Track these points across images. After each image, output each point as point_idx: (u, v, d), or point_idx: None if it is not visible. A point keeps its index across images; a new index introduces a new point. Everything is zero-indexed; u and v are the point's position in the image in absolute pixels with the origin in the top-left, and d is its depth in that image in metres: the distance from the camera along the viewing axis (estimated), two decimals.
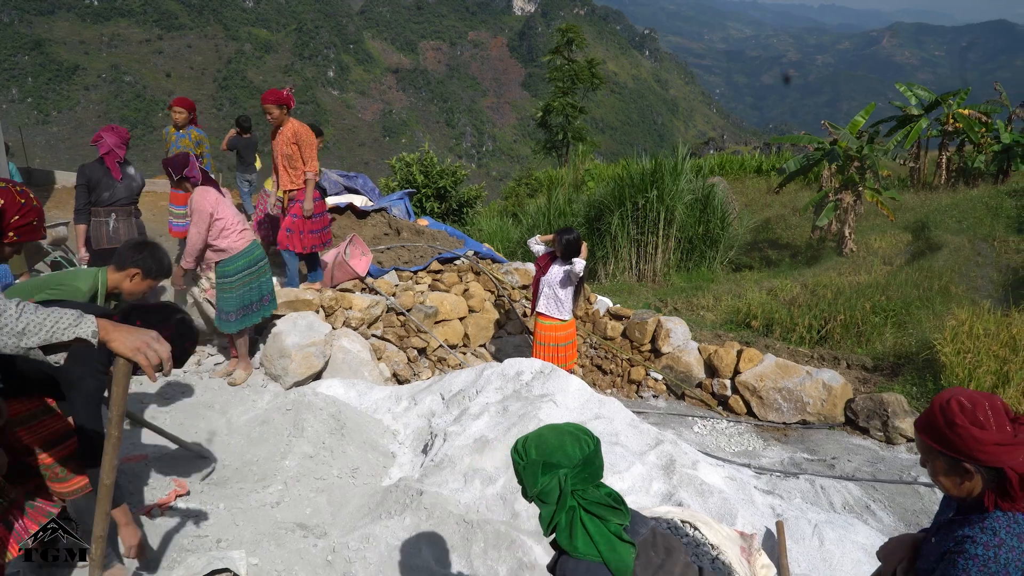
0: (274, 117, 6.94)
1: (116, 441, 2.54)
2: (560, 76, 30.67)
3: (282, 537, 4.12)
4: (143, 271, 3.89)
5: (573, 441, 2.12)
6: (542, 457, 2.09)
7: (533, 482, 2.09)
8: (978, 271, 12.58)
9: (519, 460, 2.13)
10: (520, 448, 2.15)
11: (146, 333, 2.44)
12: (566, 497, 2.08)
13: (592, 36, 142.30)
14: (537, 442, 2.12)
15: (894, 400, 6.92)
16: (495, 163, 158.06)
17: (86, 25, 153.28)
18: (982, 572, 1.94)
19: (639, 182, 13.74)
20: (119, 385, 2.46)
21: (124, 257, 3.89)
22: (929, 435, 2.08)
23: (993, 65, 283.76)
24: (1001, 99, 24.06)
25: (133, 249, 3.93)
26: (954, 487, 2.09)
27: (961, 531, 2.06)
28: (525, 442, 2.15)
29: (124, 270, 3.87)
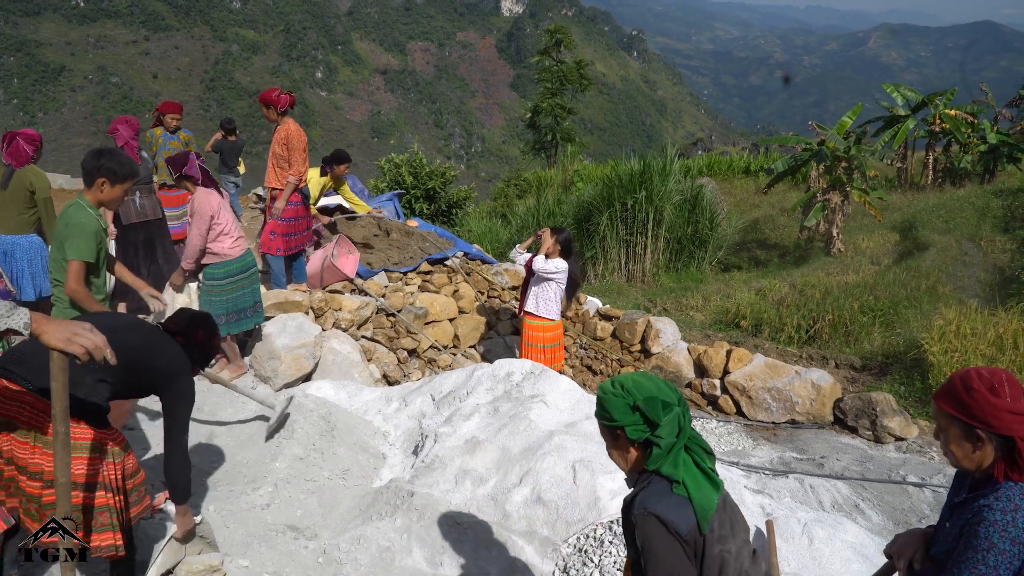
0: (265, 116, 7.13)
1: (64, 438, 2.51)
2: (549, 77, 30.70)
3: (273, 539, 4.11)
4: (109, 178, 4.09)
5: (665, 385, 2.23)
6: (652, 395, 2.17)
7: (657, 416, 2.14)
8: (965, 271, 12.66)
9: (625, 396, 2.19)
10: (620, 388, 2.22)
11: (77, 324, 2.42)
12: (685, 433, 2.20)
13: (580, 37, 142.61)
14: (635, 383, 2.21)
15: (882, 399, 6.96)
16: (484, 164, 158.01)
17: (72, 26, 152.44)
18: (1003, 537, 2.01)
19: (628, 183, 13.76)
20: (57, 380, 2.42)
21: (87, 173, 4.08)
22: (946, 400, 2.18)
23: (979, 66, 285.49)
24: (987, 99, 24.26)
25: (92, 161, 4.07)
26: (966, 456, 2.17)
27: (977, 503, 2.12)
28: (623, 383, 2.23)
29: (93, 185, 4.08)
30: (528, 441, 4.91)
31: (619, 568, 3.83)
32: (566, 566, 3.98)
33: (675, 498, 2.12)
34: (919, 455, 6.49)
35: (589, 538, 4.11)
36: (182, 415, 3.33)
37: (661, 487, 2.16)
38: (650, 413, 2.15)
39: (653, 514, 2.09)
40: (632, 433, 2.19)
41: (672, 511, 2.10)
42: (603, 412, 2.25)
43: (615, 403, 2.20)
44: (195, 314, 3.50)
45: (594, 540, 4.04)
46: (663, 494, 2.13)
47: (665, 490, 2.14)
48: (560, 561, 4.02)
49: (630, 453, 2.26)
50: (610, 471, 4.56)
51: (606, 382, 2.28)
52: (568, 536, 4.20)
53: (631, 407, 2.17)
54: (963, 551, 2.10)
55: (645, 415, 2.16)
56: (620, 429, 2.21)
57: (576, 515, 4.31)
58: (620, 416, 2.19)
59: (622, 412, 2.19)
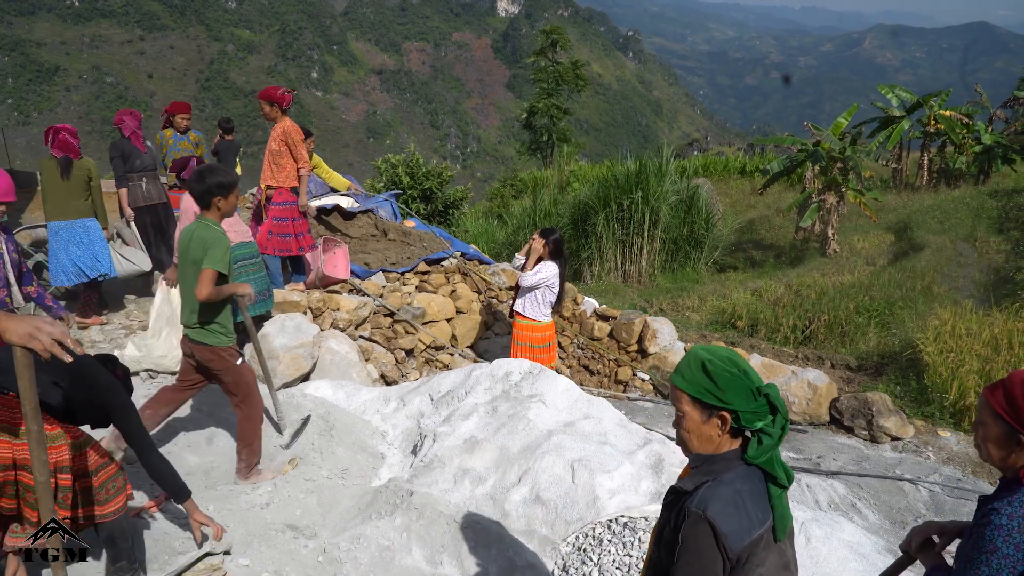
0: (265, 114, 7.20)
1: (37, 435, 2.52)
2: (544, 77, 30.73)
3: (272, 538, 4.12)
4: (222, 194, 4.34)
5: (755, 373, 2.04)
6: (767, 385, 2.00)
7: (782, 405, 1.99)
8: (960, 271, 12.70)
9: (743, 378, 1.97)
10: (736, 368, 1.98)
11: (39, 319, 2.43)
12: (785, 431, 2.02)
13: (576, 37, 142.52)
14: (748, 368, 2.00)
15: (878, 399, 6.98)
16: (480, 164, 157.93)
17: (67, 26, 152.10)
18: (1007, 541, 2.01)
19: (624, 183, 13.78)
20: (22, 377, 2.44)
21: (199, 197, 4.32)
22: (999, 398, 2.13)
23: (974, 67, 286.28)
24: (982, 100, 24.36)
25: (200, 185, 4.29)
26: (998, 456, 2.15)
27: (989, 505, 2.12)
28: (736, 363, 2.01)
29: (211, 205, 4.35)
30: (527, 440, 4.92)
31: (618, 567, 3.84)
32: (565, 565, 3.99)
33: (738, 508, 1.91)
34: (915, 455, 6.52)
35: (588, 537, 4.12)
36: (134, 421, 3.43)
37: (731, 490, 1.94)
38: (778, 403, 1.96)
39: (709, 520, 1.89)
40: (748, 420, 1.96)
41: (731, 522, 1.89)
42: (714, 389, 1.97)
43: (734, 384, 1.96)
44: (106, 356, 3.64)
45: (593, 539, 4.06)
46: (728, 500, 1.92)
47: (733, 495, 1.93)
48: (559, 560, 4.04)
49: (720, 438, 2.02)
50: (608, 470, 4.58)
51: (707, 354, 2.02)
52: (567, 535, 4.21)
53: (754, 392, 1.96)
54: (969, 551, 2.11)
55: (772, 403, 1.97)
56: (727, 411, 1.97)
57: (575, 514, 4.32)
58: (738, 400, 1.95)
59: (742, 396, 1.95)
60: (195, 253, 4.30)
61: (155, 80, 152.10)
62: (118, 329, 7.39)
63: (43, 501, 2.65)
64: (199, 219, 4.40)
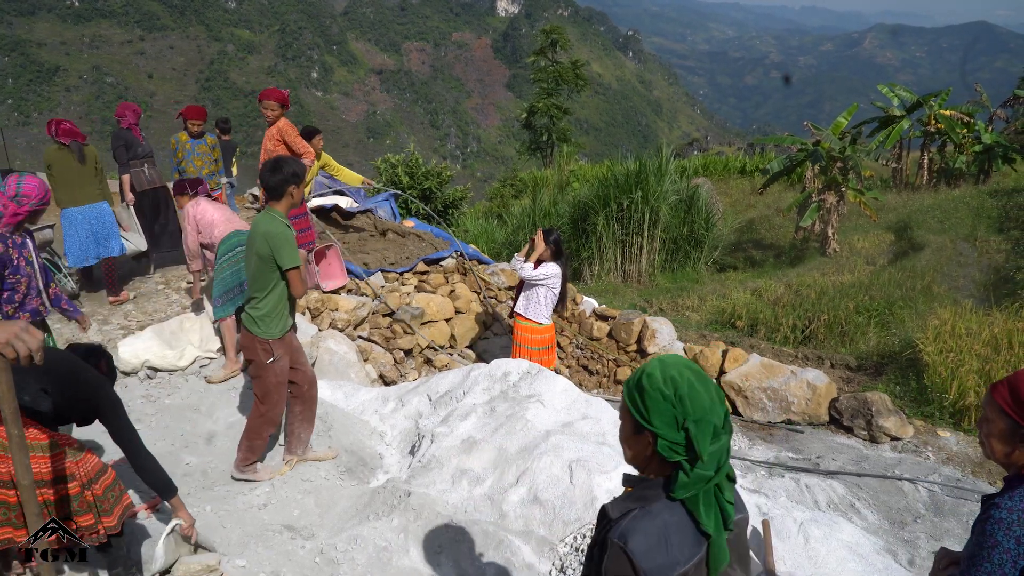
0: (275, 114, 7.34)
1: (19, 440, 2.51)
2: (544, 77, 30.72)
3: (270, 539, 4.11)
4: (296, 183, 4.44)
5: (717, 395, 1.85)
6: (706, 417, 1.79)
7: (704, 447, 1.77)
8: (960, 271, 12.69)
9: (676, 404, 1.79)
10: (673, 392, 1.80)
11: (14, 324, 2.42)
12: (723, 471, 1.82)
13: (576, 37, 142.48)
14: (691, 395, 1.79)
15: (878, 399, 6.97)
16: (480, 164, 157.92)
17: (67, 26, 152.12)
18: (1007, 535, 2.02)
19: (624, 183, 13.77)
20: (1, 383, 2.43)
21: (273, 188, 4.40)
22: (1004, 395, 2.13)
23: (974, 66, 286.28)
24: (982, 100, 24.34)
25: (275, 176, 4.36)
26: (1001, 452, 2.16)
27: (991, 501, 2.13)
28: (677, 386, 1.80)
29: (284, 195, 4.45)
30: (525, 441, 4.91)
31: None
32: (563, 565, 3.99)
33: (661, 543, 1.77)
34: (914, 455, 6.51)
35: (586, 538, 4.11)
36: (122, 418, 3.44)
37: (656, 523, 1.80)
38: (698, 441, 1.76)
39: (628, 555, 1.76)
40: (663, 449, 1.80)
41: (651, 558, 1.76)
42: (640, 406, 1.84)
43: (660, 407, 1.80)
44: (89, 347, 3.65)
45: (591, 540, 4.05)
46: (651, 533, 1.78)
47: (658, 529, 1.79)
48: (557, 560, 4.03)
49: (651, 458, 1.88)
50: (607, 471, 4.57)
51: (655, 370, 1.85)
52: (565, 536, 4.20)
53: (678, 422, 1.79)
54: (972, 547, 2.12)
55: (691, 440, 1.77)
56: (651, 434, 1.82)
57: (573, 515, 4.31)
58: (659, 424, 1.80)
59: (664, 421, 1.79)
60: (261, 248, 4.35)
61: (155, 80, 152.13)
62: (116, 329, 7.38)
63: (28, 505, 2.64)
64: (267, 210, 4.44)
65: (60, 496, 3.15)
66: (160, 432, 5.38)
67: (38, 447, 3.14)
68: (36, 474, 3.16)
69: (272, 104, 7.35)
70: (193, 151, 8.36)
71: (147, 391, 6.14)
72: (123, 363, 6.35)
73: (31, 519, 2.64)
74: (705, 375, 1.86)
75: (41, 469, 3.12)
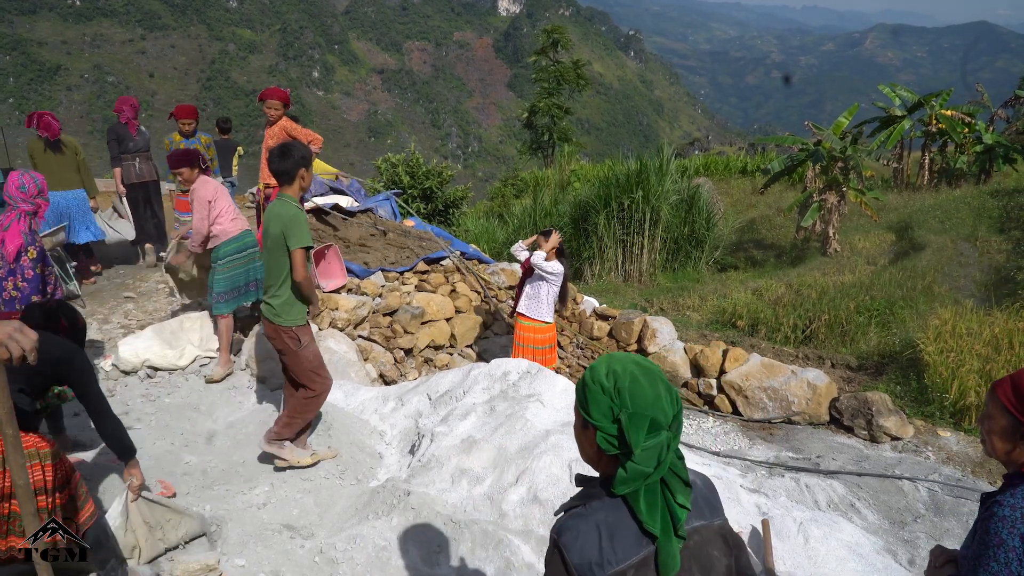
0: (277, 113, 7.43)
1: (14, 440, 2.51)
2: (546, 77, 30.72)
3: (269, 538, 4.11)
4: (305, 165, 4.48)
5: (666, 393, 1.81)
6: (644, 411, 1.75)
7: (637, 440, 1.73)
8: (961, 271, 12.69)
9: (613, 397, 1.78)
10: (613, 385, 1.79)
11: (8, 324, 2.42)
12: (664, 466, 1.77)
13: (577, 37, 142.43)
14: (632, 388, 1.77)
15: (878, 399, 6.96)
16: (481, 164, 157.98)
17: (68, 25, 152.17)
18: (1011, 533, 2.00)
19: (625, 183, 13.77)
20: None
21: (285, 173, 4.43)
22: (1007, 392, 2.12)
23: (975, 66, 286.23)
24: (983, 100, 24.32)
25: (284, 162, 4.40)
26: (1003, 450, 2.15)
27: (992, 499, 2.13)
28: (618, 380, 1.79)
29: (295, 179, 4.48)
30: (524, 440, 4.91)
31: None
32: None
33: (593, 539, 1.75)
34: (915, 455, 6.51)
35: None
36: (93, 386, 3.50)
37: (590, 522, 1.78)
38: (629, 434, 1.73)
39: (559, 548, 1.78)
40: (600, 441, 1.79)
41: (582, 553, 1.74)
42: (583, 399, 1.85)
43: (597, 399, 1.80)
44: (47, 308, 3.65)
45: None
46: (584, 531, 1.77)
47: (592, 526, 1.77)
48: None
49: (598, 453, 1.87)
50: None
51: (601, 364, 1.85)
52: None
53: (613, 414, 1.77)
54: (977, 548, 2.11)
55: (623, 432, 1.75)
56: (591, 427, 1.82)
57: None
58: (596, 415, 1.79)
59: (600, 413, 1.79)
60: (274, 230, 4.38)
61: (156, 79, 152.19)
62: (116, 328, 7.38)
63: (24, 505, 2.64)
64: (280, 197, 4.47)
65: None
66: (160, 431, 5.38)
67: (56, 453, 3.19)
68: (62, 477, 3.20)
69: (275, 103, 7.41)
70: None
71: (147, 390, 6.15)
72: (123, 362, 6.36)
73: (28, 519, 2.64)
74: (656, 372, 1.84)
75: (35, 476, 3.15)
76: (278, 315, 4.51)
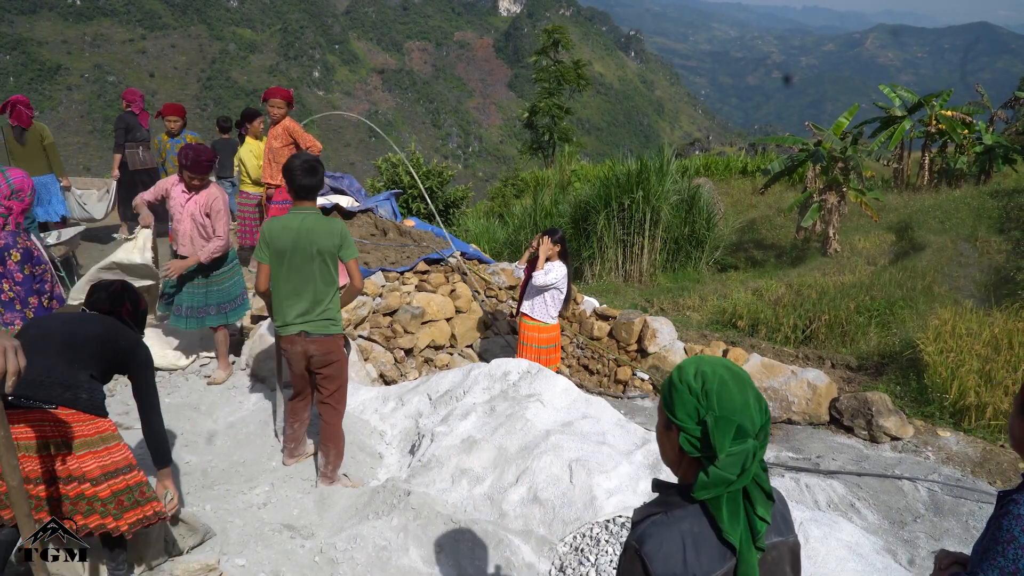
0: (281, 112, 7.45)
1: (5, 440, 2.52)
2: (546, 77, 30.70)
3: (269, 538, 4.12)
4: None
5: (755, 401, 1.77)
6: (731, 416, 1.72)
7: (722, 445, 1.70)
8: (961, 271, 12.69)
9: (701, 399, 1.75)
10: (701, 387, 1.76)
11: (8, 339, 2.42)
12: (747, 475, 1.73)
13: (578, 37, 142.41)
14: (721, 391, 1.74)
15: (878, 399, 6.97)
16: (481, 164, 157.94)
17: (68, 25, 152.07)
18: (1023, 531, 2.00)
19: (625, 183, 13.76)
20: None
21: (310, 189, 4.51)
22: None
23: (975, 67, 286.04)
24: (983, 100, 24.34)
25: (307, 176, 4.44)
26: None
27: (1009, 497, 2.12)
28: (706, 382, 1.76)
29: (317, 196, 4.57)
30: (525, 440, 4.91)
31: (615, 567, 3.83)
32: (562, 565, 3.99)
33: (679, 550, 1.71)
34: (915, 455, 6.51)
35: (585, 537, 4.11)
36: (151, 379, 3.51)
37: (675, 531, 1.74)
38: (715, 437, 1.70)
39: (642, 557, 1.72)
40: (683, 442, 1.76)
41: (666, 564, 1.70)
42: (668, 398, 1.82)
43: (684, 399, 1.77)
44: (112, 290, 3.62)
45: (590, 539, 4.05)
46: (669, 539, 1.72)
47: (677, 536, 1.73)
48: (556, 560, 4.03)
49: (680, 456, 1.83)
50: (606, 470, 4.57)
51: (690, 365, 1.82)
52: (564, 535, 4.20)
53: (698, 415, 1.74)
54: (987, 543, 2.10)
55: (708, 435, 1.72)
56: (676, 428, 1.79)
57: (572, 514, 4.32)
58: (681, 416, 1.76)
59: (685, 414, 1.76)
60: (327, 244, 4.40)
61: (157, 79, 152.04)
62: None
63: (18, 507, 2.64)
64: (309, 211, 4.48)
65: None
66: None
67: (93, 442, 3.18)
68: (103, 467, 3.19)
69: (279, 102, 7.42)
70: (173, 151, 8.39)
71: None
72: None
73: (22, 520, 2.64)
74: (746, 378, 1.80)
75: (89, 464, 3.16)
76: (335, 323, 4.52)
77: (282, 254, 4.40)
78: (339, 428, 4.70)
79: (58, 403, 3.07)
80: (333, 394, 4.63)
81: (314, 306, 4.46)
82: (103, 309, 3.49)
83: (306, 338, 4.49)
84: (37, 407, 3.02)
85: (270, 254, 4.45)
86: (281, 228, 4.40)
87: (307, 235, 4.36)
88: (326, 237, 4.34)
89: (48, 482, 3.07)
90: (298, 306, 4.46)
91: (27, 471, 2.99)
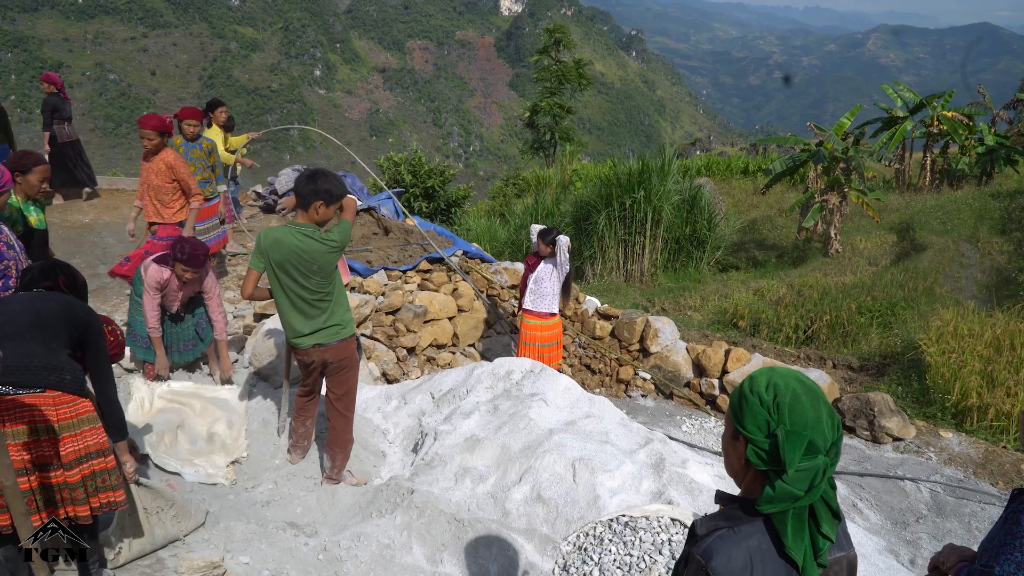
0: (153, 144, 6.53)
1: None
2: (548, 76, 30.68)
3: (273, 536, 4.12)
4: (325, 200, 4.25)
5: (828, 417, 1.72)
6: (803, 431, 1.68)
7: (792, 459, 1.66)
8: (962, 272, 12.69)
9: (772, 412, 1.72)
10: (772, 399, 1.73)
11: None
12: (816, 492, 1.69)
13: (579, 37, 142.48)
14: (793, 405, 1.70)
15: (880, 399, 6.97)
16: (482, 163, 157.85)
17: (70, 22, 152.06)
18: None
19: (626, 182, 13.76)
20: None
21: (303, 197, 4.24)
22: None
23: (976, 67, 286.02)
24: (984, 101, 24.33)
25: (308, 185, 4.24)
26: None
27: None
28: (778, 395, 1.73)
29: (309, 208, 4.25)
30: (528, 439, 4.92)
31: (619, 566, 3.84)
32: (566, 564, 3.99)
33: (746, 568, 1.68)
34: (917, 455, 6.52)
35: (589, 536, 4.12)
36: (105, 349, 3.46)
37: (743, 547, 1.71)
38: (784, 452, 1.66)
39: (709, 573, 1.69)
40: (751, 454, 1.73)
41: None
42: (737, 409, 1.79)
43: (754, 411, 1.73)
44: (41, 267, 3.54)
45: (594, 538, 4.05)
46: (736, 557, 1.69)
47: (744, 552, 1.70)
48: (560, 559, 4.03)
49: (746, 468, 1.81)
50: (609, 470, 4.57)
51: (762, 376, 1.79)
52: (568, 534, 4.21)
53: (768, 428, 1.71)
54: (1003, 536, 2.11)
55: (778, 449, 1.68)
56: (744, 439, 1.76)
57: (576, 513, 4.32)
58: (751, 427, 1.73)
59: (755, 426, 1.73)
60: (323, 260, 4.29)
61: (158, 77, 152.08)
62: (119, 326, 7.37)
63: (14, 506, 2.64)
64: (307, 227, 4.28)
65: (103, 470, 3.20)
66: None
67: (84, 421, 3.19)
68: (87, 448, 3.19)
69: (149, 133, 6.45)
70: (186, 155, 8.06)
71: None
72: (125, 360, 6.35)
73: (19, 519, 2.65)
74: (819, 394, 1.76)
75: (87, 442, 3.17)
76: (344, 327, 4.53)
77: (278, 268, 4.32)
78: (348, 434, 4.71)
79: (45, 386, 3.06)
80: (342, 398, 4.64)
81: (323, 317, 4.44)
82: (45, 287, 3.41)
83: (321, 348, 4.48)
84: (27, 393, 3.02)
85: (264, 264, 4.35)
86: (274, 242, 4.27)
87: (305, 254, 4.25)
88: (324, 254, 4.26)
89: (40, 468, 3.07)
90: (307, 322, 4.42)
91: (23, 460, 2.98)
